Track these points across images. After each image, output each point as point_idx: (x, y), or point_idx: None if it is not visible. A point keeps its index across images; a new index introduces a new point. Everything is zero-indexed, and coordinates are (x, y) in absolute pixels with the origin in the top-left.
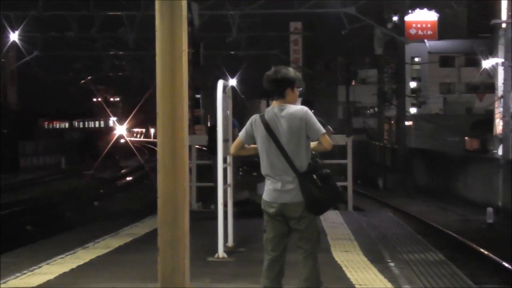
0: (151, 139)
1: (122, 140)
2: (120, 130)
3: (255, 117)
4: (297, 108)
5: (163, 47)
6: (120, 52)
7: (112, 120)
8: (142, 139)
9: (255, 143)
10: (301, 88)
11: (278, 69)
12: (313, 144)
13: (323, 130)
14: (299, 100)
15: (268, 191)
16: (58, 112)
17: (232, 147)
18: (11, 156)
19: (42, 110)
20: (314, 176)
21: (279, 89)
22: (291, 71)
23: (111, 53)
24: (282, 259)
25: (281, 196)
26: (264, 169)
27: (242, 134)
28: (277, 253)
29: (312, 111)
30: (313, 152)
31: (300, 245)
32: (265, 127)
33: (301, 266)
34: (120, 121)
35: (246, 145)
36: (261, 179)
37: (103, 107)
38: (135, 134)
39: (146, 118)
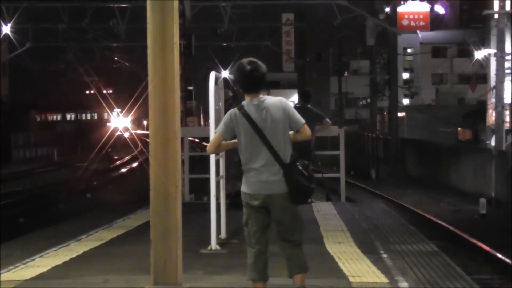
0: (144, 131)
1: (127, 133)
2: (125, 122)
3: (234, 111)
4: (276, 99)
5: (155, 39)
6: (112, 44)
7: (116, 111)
8: (135, 131)
9: (233, 138)
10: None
11: (255, 64)
12: (291, 133)
13: (303, 120)
14: (294, 91)
15: (251, 183)
16: (50, 104)
17: (211, 146)
18: (3, 148)
19: (34, 102)
20: (299, 167)
21: (260, 84)
22: (263, 64)
23: (102, 44)
24: (266, 251)
25: (266, 187)
26: (247, 162)
27: (220, 129)
28: (262, 245)
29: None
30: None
31: (286, 237)
32: (248, 120)
33: (289, 256)
34: (116, 113)
35: (223, 141)
36: None
37: (96, 99)
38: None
39: (139, 109)
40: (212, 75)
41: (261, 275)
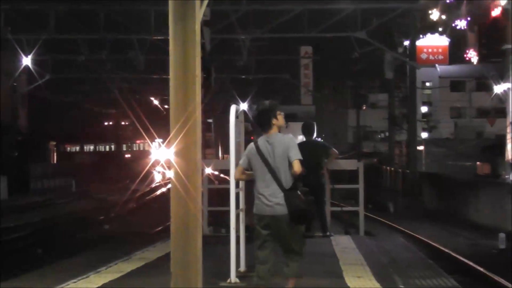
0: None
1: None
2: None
3: (252, 145)
4: (284, 136)
5: (177, 72)
6: (131, 75)
7: (158, 142)
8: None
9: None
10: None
11: (258, 109)
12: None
13: (295, 157)
14: (298, 124)
15: (259, 206)
16: (68, 134)
17: (236, 173)
18: (21, 178)
19: (53, 132)
20: (298, 192)
21: (264, 125)
22: (268, 106)
23: (121, 75)
24: (270, 261)
25: (270, 210)
26: (258, 187)
27: (241, 160)
28: (265, 255)
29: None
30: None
31: (287, 249)
32: (258, 152)
33: (287, 263)
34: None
35: (246, 171)
36: None
37: (115, 130)
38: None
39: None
40: (233, 109)
41: (261, 280)
